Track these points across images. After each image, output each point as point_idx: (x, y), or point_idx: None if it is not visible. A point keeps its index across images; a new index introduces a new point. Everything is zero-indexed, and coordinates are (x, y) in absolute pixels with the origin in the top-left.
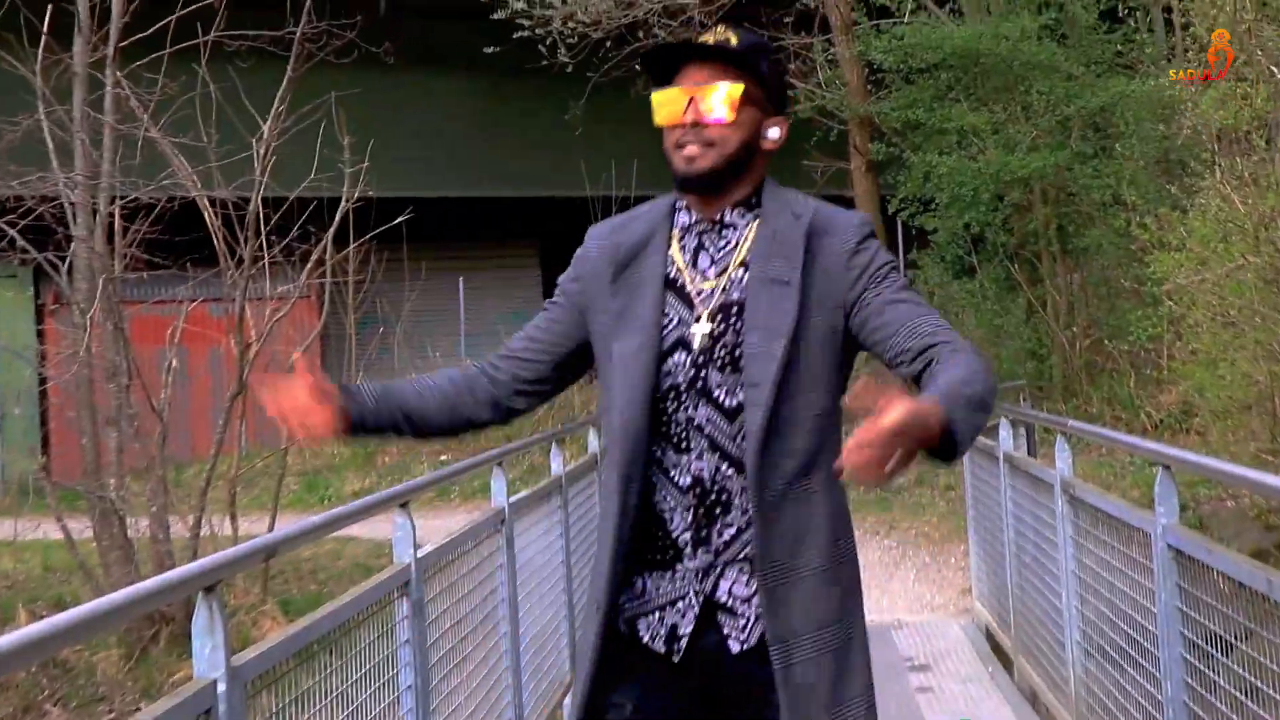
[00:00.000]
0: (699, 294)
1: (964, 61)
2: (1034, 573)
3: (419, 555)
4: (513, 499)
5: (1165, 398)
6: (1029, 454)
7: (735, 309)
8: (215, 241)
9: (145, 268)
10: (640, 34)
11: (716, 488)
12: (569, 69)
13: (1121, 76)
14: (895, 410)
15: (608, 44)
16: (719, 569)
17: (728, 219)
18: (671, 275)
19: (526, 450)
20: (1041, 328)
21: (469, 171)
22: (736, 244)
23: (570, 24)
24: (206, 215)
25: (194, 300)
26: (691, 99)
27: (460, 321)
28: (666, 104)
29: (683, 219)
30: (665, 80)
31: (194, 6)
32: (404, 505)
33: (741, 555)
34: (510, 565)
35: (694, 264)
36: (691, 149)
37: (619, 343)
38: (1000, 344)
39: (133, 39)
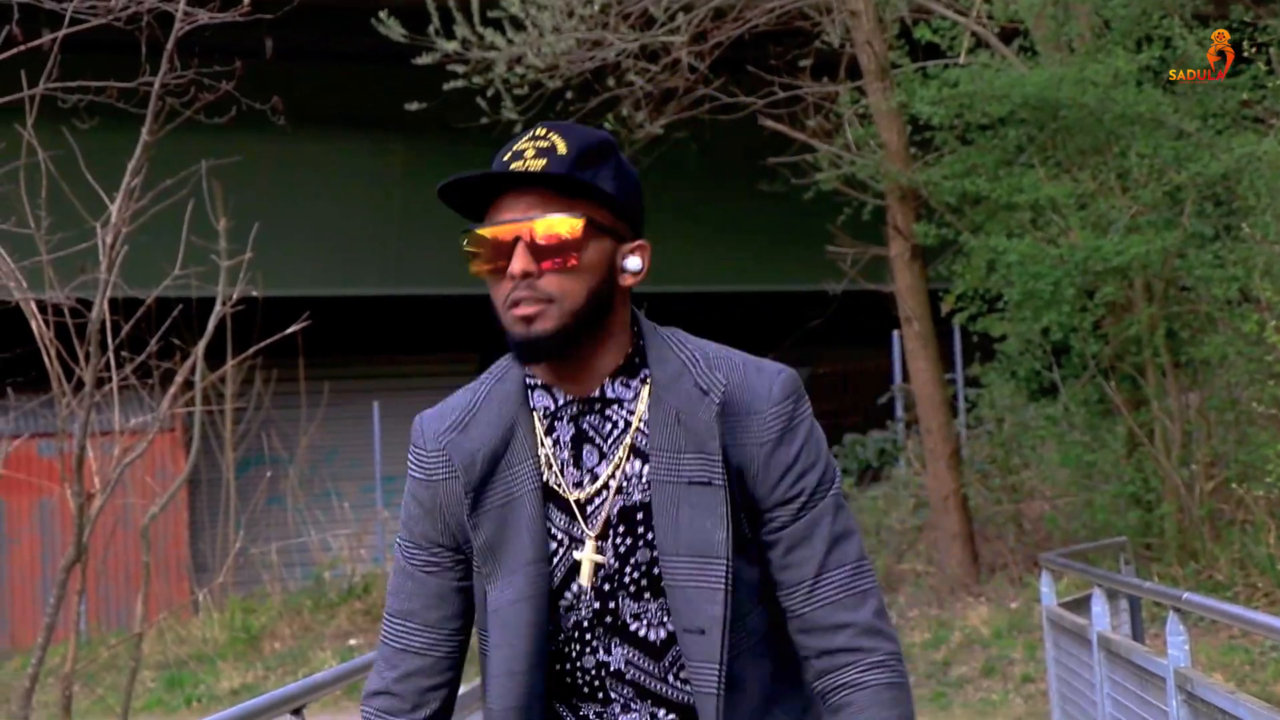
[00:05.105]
0: (589, 501)
1: (1039, 115)
2: None
3: None
4: None
5: None
6: (1133, 637)
7: (640, 514)
8: (46, 359)
9: None
10: (611, 80)
11: None
12: (517, 127)
13: (1250, 133)
14: None
15: (568, 94)
16: None
17: (610, 393)
18: (547, 480)
19: None
20: (1148, 466)
21: (384, 263)
22: (626, 425)
23: (519, 69)
24: (34, 324)
25: (17, 436)
26: (517, 239)
27: (376, 459)
28: (483, 249)
29: (543, 401)
30: (475, 212)
31: (15, 50)
32: (298, 711)
33: None
34: None
35: (576, 461)
36: (527, 308)
37: (495, 588)
38: (1093, 487)
39: None
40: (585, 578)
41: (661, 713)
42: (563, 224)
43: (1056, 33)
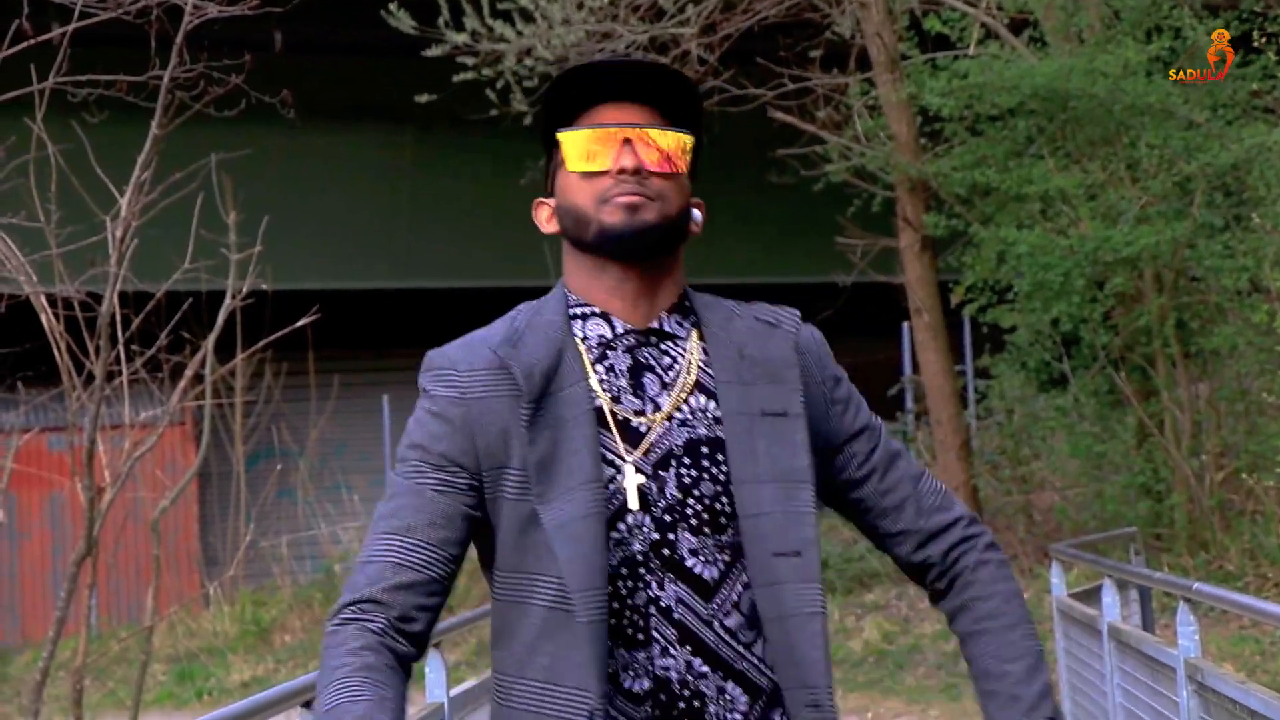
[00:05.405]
0: (649, 429)
1: (1049, 106)
2: None
3: None
4: (455, 691)
5: None
6: (1143, 627)
7: (706, 447)
8: (56, 353)
9: None
10: None
11: (687, 693)
12: (527, 119)
13: (1260, 123)
14: None
15: None
16: None
17: (666, 327)
18: (600, 405)
19: (474, 625)
20: (1158, 456)
21: (393, 256)
22: (687, 363)
23: (528, 61)
24: (44, 318)
25: (27, 430)
26: (627, 141)
27: (385, 451)
28: (594, 146)
29: (597, 330)
30: (568, 118)
31: (25, 45)
32: (309, 704)
33: None
34: None
35: (636, 389)
36: (634, 197)
37: (550, 508)
38: (1103, 478)
39: None
40: (633, 500)
41: (698, 662)
42: (676, 138)
43: (1066, 23)
